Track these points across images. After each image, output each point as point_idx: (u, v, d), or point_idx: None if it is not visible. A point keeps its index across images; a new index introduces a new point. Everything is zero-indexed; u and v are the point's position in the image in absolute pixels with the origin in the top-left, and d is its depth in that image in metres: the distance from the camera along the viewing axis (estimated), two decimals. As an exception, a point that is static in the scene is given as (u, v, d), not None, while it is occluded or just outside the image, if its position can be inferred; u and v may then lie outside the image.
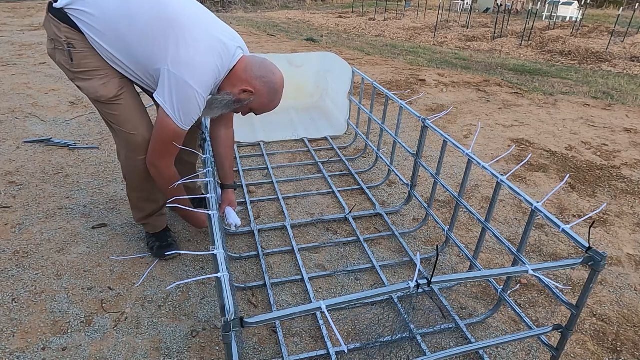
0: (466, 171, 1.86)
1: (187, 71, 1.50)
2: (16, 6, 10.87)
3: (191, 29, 1.53)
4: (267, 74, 1.66)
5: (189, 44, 1.51)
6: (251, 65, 1.65)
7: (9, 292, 1.79)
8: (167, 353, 1.57)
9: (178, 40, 1.51)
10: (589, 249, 1.24)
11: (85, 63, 1.59)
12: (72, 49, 1.56)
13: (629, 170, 3.15)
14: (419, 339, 1.62)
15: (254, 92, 1.66)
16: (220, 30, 1.62)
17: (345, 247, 2.19)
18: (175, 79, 1.50)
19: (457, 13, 17.24)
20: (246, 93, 1.66)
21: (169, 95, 1.53)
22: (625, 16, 13.69)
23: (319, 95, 3.97)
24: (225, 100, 1.66)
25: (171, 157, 1.71)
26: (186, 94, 1.52)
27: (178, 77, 1.50)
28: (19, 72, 4.79)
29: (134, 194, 1.94)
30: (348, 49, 8.04)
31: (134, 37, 1.53)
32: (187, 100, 1.53)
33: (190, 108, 1.56)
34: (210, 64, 1.55)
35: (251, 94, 1.66)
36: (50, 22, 1.56)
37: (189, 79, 1.50)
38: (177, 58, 1.50)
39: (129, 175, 1.87)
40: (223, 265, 1.10)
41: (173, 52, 1.50)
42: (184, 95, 1.52)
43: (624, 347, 1.68)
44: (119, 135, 1.77)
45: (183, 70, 1.50)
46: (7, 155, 2.92)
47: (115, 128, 1.74)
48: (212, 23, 1.62)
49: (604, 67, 8.35)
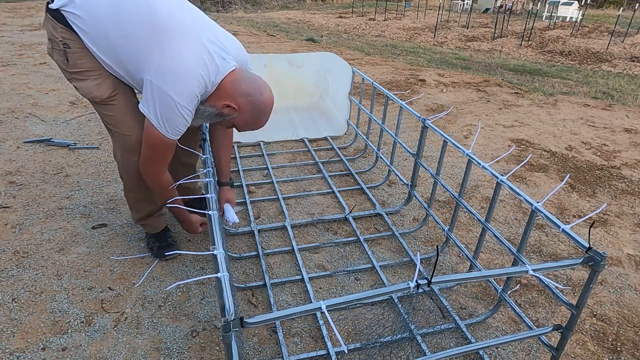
0: (466, 171, 1.86)
1: (170, 82, 1.46)
2: (16, 6, 10.87)
3: (179, 37, 1.49)
4: (254, 92, 1.59)
5: (174, 53, 1.47)
6: (239, 80, 1.58)
7: (9, 292, 1.79)
8: (167, 353, 1.57)
9: (163, 48, 1.47)
10: (589, 249, 1.24)
11: (81, 63, 1.59)
12: (68, 49, 1.56)
13: (629, 170, 3.15)
14: (419, 339, 1.62)
15: (237, 109, 1.59)
16: (214, 40, 1.55)
17: (345, 247, 2.19)
18: (158, 90, 1.47)
19: (457, 13, 17.24)
20: (229, 108, 1.59)
21: (153, 107, 1.49)
22: (625, 16, 13.70)
23: (319, 95, 3.97)
24: (207, 112, 1.60)
25: (163, 164, 1.67)
26: (169, 106, 1.48)
27: (161, 89, 1.46)
28: (19, 72, 4.79)
29: (131, 195, 1.93)
30: (348, 49, 8.05)
31: (121, 43, 1.51)
32: (170, 112, 1.50)
33: (174, 119, 1.52)
34: (195, 74, 1.48)
35: (234, 110, 1.59)
36: (48, 22, 1.56)
37: (171, 91, 1.46)
38: (161, 68, 1.46)
39: (125, 176, 1.86)
40: (223, 265, 1.10)
41: (157, 60, 1.46)
42: (167, 108, 1.49)
43: (624, 347, 1.68)
44: (114, 136, 1.76)
45: (165, 81, 1.46)
46: (7, 155, 2.92)
47: (111, 129, 1.74)
48: (205, 31, 1.55)
49: (604, 67, 8.35)
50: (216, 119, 1.64)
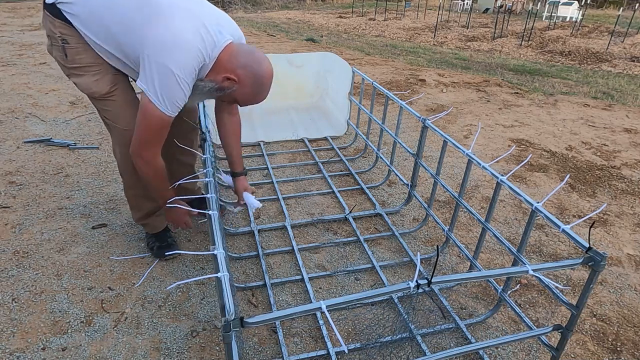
0: (466, 171, 1.86)
1: (168, 56, 1.44)
2: (16, 6, 10.87)
3: (175, 13, 1.48)
4: (253, 63, 1.58)
5: (171, 28, 1.45)
6: (237, 52, 1.57)
7: (9, 292, 1.79)
8: (167, 353, 1.57)
9: (159, 24, 1.45)
10: (589, 249, 1.24)
11: (79, 59, 1.59)
12: (66, 44, 1.57)
13: (629, 170, 3.15)
14: (419, 339, 1.62)
15: (237, 80, 1.58)
16: (208, 15, 1.55)
17: (345, 247, 2.19)
18: (156, 65, 1.45)
19: (457, 13, 17.24)
20: (229, 81, 1.58)
21: (151, 82, 1.47)
22: (625, 16, 13.69)
23: (319, 95, 3.97)
24: (207, 87, 1.59)
25: (158, 146, 1.64)
26: (168, 79, 1.46)
27: (160, 62, 1.44)
28: (19, 72, 4.79)
29: (131, 192, 1.93)
30: (348, 49, 8.05)
31: (115, 22, 1.50)
32: (169, 85, 1.47)
33: (174, 93, 1.49)
34: (193, 47, 1.47)
35: (234, 82, 1.58)
36: (46, 19, 1.57)
37: (170, 63, 1.44)
38: (159, 42, 1.45)
39: (125, 173, 1.86)
40: (223, 265, 1.10)
41: (155, 35, 1.45)
42: (166, 80, 1.46)
43: (624, 347, 1.68)
44: (113, 131, 1.76)
45: (164, 54, 1.44)
46: (7, 155, 2.92)
47: (110, 124, 1.74)
48: (200, 7, 1.56)
49: (604, 67, 8.35)
50: (217, 94, 1.62)
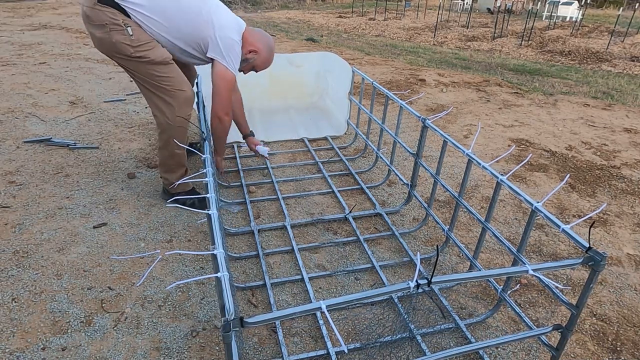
0: (466, 171, 1.86)
1: (229, 30, 2.12)
2: (16, 6, 10.87)
3: (218, 6, 2.15)
4: (264, 37, 2.32)
5: (222, 15, 2.12)
6: (252, 32, 2.28)
7: (9, 292, 1.79)
8: (167, 353, 1.57)
9: (216, 13, 2.09)
10: (589, 249, 1.24)
11: (144, 37, 2.00)
12: (130, 27, 1.95)
13: (629, 170, 3.15)
14: (419, 339, 1.62)
15: (258, 51, 2.27)
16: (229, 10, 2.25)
17: (345, 247, 2.19)
18: (223, 38, 2.09)
19: (457, 13, 17.24)
20: (252, 53, 2.26)
21: (220, 50, 2.09)
22: (625, 16, 13.69)
23: (319, 95, 3.97)
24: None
25: (231, 106, 2.28)
26: (232, 44, 2.12)
27: (224, 36, 2.09)
28: (19, 72, 4.79)
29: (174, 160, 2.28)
30: (348, 48, 8.05)
31: (182, 15, 2.04)
32: (233, 49, 2.13)
33: (236, 54, 2.15)
34: (234, 27, 2.18)
35: (255, 52, 2.27)
36: (103, 10, 1.90)
37: (231, 34, 2.12)
38: (220, 24, 2.09)
39: (176, 134, 2.16)
40: (223, 265, 1.10)
41: (216, 20, 2.08)
42: (231, 46, 2.12)
43: (624, 347, 1.68)
44: (167, 95, 2.10)
45: (226, 30, 2.10)
46: (7, 155, 2.92)
47: (167, 88, 2.09)
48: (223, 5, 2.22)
49: (604, 67, 8.35)
50: (241, 65, 2.25)
